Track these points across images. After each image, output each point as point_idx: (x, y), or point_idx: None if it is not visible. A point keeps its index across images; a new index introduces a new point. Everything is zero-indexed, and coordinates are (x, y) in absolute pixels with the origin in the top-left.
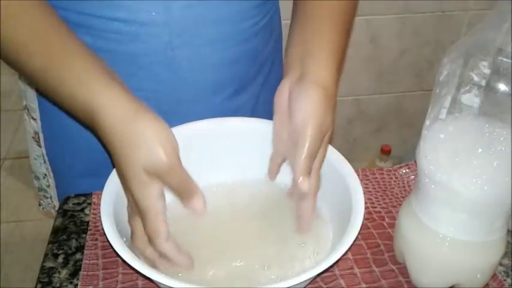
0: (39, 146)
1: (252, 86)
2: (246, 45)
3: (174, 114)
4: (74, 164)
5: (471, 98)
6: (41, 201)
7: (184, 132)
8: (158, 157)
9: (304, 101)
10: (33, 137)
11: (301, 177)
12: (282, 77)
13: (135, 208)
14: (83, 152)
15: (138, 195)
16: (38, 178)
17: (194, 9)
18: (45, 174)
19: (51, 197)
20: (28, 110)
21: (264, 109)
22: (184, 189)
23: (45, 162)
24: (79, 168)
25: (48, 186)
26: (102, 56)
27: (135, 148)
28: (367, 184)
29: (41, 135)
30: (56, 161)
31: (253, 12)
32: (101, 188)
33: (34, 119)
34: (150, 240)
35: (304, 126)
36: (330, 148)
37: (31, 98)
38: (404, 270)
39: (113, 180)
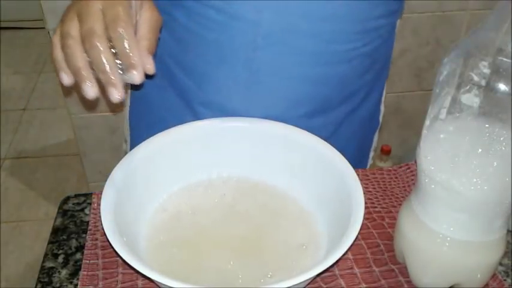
0: None
1: (334, 112)
2: (334, 68)
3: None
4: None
5: (471, 98)
6: None
7: (184, 131)
8: None
9: None
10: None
11: None
12: (375, 111)
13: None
14: (159, 124)
15: None
16: (126, 141)
17: (286, 15)
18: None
19: None
20: None
21: (344, 140)
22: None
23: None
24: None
25: None
26: (192, 38)
27: None
28: (367, 184)
29: (128, 99)
30: (134, 127)
31: (351, 37)
32: None
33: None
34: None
35: None
36: (330, 148)
37: None
38: (404, 270)
39: (113, 180)
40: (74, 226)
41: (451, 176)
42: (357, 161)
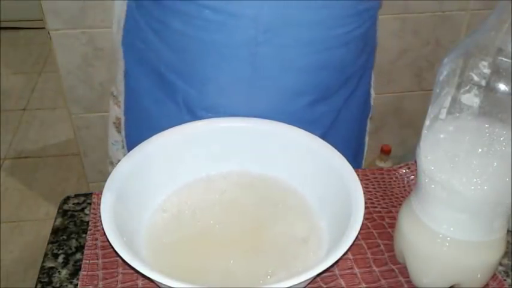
0: (119, 133)
1: (334, 98)
2: (333, 53)
3: (247, 115)
4: None
5: (471, 98)
6: None
7: (185, 130)
8: None
9: None
10: (114, 122)
11: None
12: (367, 94)
13: None
14: None
15: None
16: (112, 163)
17: (286, 8)
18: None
19: None
20: (114, 95)
21: (344, 126)
22: None
23: (123, 147)
24: None
25: None
26: (189, 43)
27: None
28: (367, 184)
29: (123, 118)
30: (134, 145)
31: (347, 20)
32: None
33: (118, 106)
34: None
35: None
36: (330, 148)
37: (119, 80)
38: (404, 270)
39: (113, 180)
40: (74, 226)
41: (451, 176)
42: (357, 146)
